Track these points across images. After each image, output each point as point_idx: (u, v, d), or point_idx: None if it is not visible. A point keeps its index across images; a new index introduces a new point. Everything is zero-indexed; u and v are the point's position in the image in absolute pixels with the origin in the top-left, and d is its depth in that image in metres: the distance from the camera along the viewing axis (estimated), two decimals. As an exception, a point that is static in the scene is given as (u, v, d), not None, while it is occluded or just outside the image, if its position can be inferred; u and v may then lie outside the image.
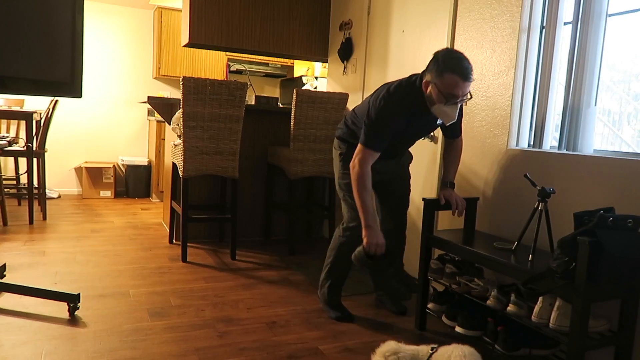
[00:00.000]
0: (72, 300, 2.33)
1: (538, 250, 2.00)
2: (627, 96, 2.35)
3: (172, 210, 3.74)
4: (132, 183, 5.74)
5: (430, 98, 2.12)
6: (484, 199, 2.55)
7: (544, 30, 2.34)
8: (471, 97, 2.14)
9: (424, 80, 2.12)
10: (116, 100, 5.91)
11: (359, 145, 2.24)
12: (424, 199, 2.39)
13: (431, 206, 2.39)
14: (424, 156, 3.05)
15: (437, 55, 2.09)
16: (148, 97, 3.64)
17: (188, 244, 3.38)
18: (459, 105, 2.12)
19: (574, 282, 1.66)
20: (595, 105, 2.12)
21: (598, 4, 2.07)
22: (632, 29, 2.11)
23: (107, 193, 5.62)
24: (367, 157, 2.21)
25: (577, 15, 2.13)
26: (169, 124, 3.67)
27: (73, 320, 2.28)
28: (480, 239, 2.36)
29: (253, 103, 4.03)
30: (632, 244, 1.72)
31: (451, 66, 2.02)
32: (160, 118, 4.87)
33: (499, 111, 2.50)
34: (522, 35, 2.40)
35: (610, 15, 2.07)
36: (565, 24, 2.24)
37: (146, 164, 5.78)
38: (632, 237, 1.72)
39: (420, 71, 2.22)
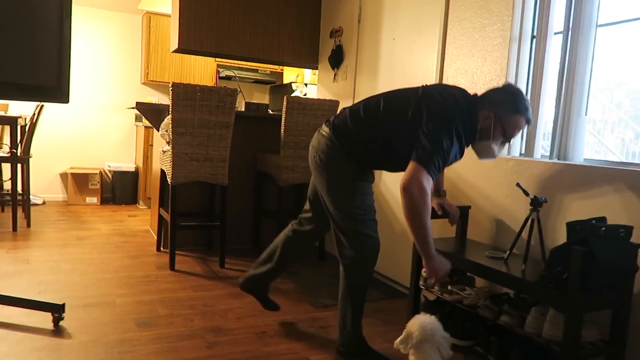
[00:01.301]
0: (56, 310, 2.27)
1: (530, 259, 1.99)
2: (610, 104, 2.38)
3: (160, 218, 3.68)
4: (119, 189, 5.66)
5: (485, 131, 1.91)
6: (475, 207, 2.54)
7: (534, 40, 2.35)
8: None
9: (485, 110, 1.90)
10: (103, 105, 5.84)
11: (416, 165, 1.78)
12: (415, 208, 2.38)
13: (423, 214, 2.38)
14: (415, 164, 3.04)
15: (510, 90, 1.93)
16: (136, 103, 3.60)
17: (176, 252, 3.33)
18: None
19: (567, 292, 1.66)
20: (586, 114, 2.13)
21: (588, 15, 2.09)
22: (614, 38, 2.13)
23: (93, 199, 5.54)
24: (428, 178, 1.79)
25: (567, 25, 2.15)
26: (158, 130, 3.63)
27: (57, 331, 2.22)
28: (472, 247, 2.35)
29: (243, 109, 4.00)
30: (623, 254, 1.72)
31: (524, 109, 1.88)
32: (148, 124, 4.82)
33: (490, 120, 2.50)
34: (513, 45, 2.41)
35: (600, 26, 2.09)
36: (555, 33, 2.25)
37: (133, 170, 5.71)
38: (623, 246, 1.72)
39: (414, 79, 2.21)
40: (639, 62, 2.12)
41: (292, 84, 5.64)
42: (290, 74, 6.01)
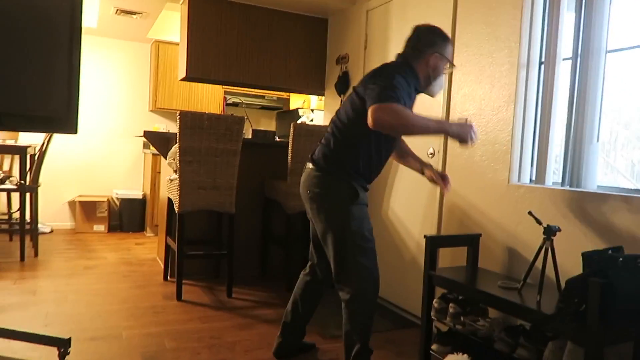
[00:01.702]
0: (62, 345, 2.23)
1: (545, 289, 1.94)
2: (618, 125, 2.35)
3: (167, 246, 3.66)
4: (127, 217, 5.66)
5: (435, 72, 2.06)
6: (486, 235, 2.50)
7: (542, 66, 2.34)
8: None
9: (430, 56, 2.04)
10: (112, 132, 5.88)
11: (372, 105, 1.80)
12: (425, 236, 2.34)
13: (433, 243, 2.34)
14: (422, 192, 3.01)
15: (429, 28, 2.11)
16: (144, 131, 3.62)
17: (183, 281, 3.29)
18: None
19: (586, 325, 1.60)
20: (598, 141, 2.10)
21: (597, 40, 2.07)
22: (623, 63, 2.11)
23: (101, 227, 5.53)
24: (390, 104, 1.80)
25: (576, 51, 2.14)
26: (165, 159, 3.63)
27: (63, 366, 2.18)
28: (484, 276, 2.30)
29: (250, 137, 4.00)
30: (642, 285, 1.67)
31: (446, 34, 2.12)
32: (156, 151, 4.84)
33: (500, 146, 2.48)
34: (521, 71, 2.40)
35: (610, 52, 2.08)
36: (564, 59, 2.24)
37: (141, 197, 5.72)
38: (642, 277, 1.67)
39: (422, 105, 2.19)
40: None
41: (299, 110, 5.66)
42: (296, 100, 6.04)
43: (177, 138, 3.14)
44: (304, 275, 2.34)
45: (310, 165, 2.13)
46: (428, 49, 2.05)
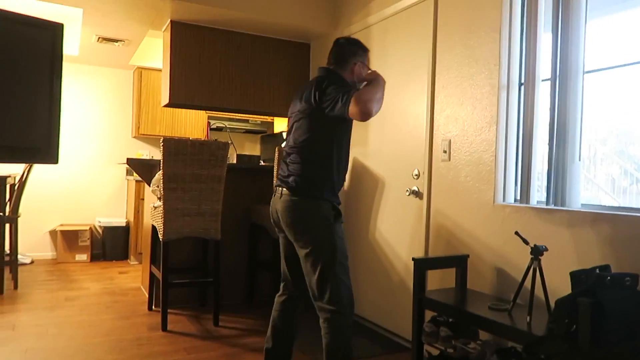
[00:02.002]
0: (42, 382, 2.15)
1: (534, 310, 1.93)
2: (595, 141, 2.40)
3: (152, 275, 3.58)
4: (110, 245, 5.55)
5: (358, 79, 2.22)
6: (474, 256, 2.50)
7: (522, 87, 2.38)
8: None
9: (354, 65, 2.21)
10: (94, 160, 5.81)
11: (351, 103, 1.93)
12: (414, 259, 2.33)
13: (422, 265, 2.33)
14: (410, 212, 3.01)
15: (349, 40, 2.30)
16: (128, 159, 3.58)
17: (168, 311, 3.22)
18: None
19: (578, 346, 1.59)
20: (580, 160, 2.12)
21: (575, 61, 2.12)
22: (600, 83, 2.16)
23: (83, 256, 5.42)
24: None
25: (554, 72, 2.18)
26: (149, 186, 3.59)
27: (42, 405, 2.09)
28: (473, 298, 2.28)
29: (235, 161, 3.98)
30: (631, 303, 1.67)
31: (365, 45, 2.31)
32: (138, 177, 4.78)
33: (484, 166, 2.49)
34: (501, 92, 2.44)
35: (587, 72, 2.12)
36: (543, 80, 2.28)
37: (124, 224, 5.62)
38: (630, 295, 1.67)
39: (406, 128, 2.19)
40: (624, 102, 2.14)
41: (283, 133, 5.67)
42: (281, 123, 6.05)
43: (161, 165, 3.10)
44: (279, 297, 2.32)
45: (284, 190, 2.13)
46: (352, 58, 2.22)
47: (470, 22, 2.62)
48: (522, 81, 2.39)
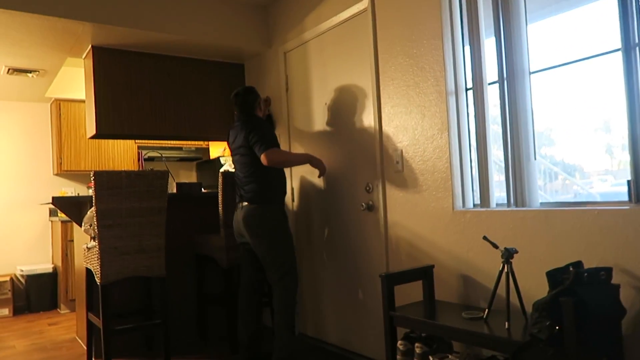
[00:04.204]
0: None
1: (512, 314, 1.89)
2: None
3: (90, 323, 3.23)
4: (35, 295, 5.02)
5: (263, 111, 3.11)
6: (439, 265, 2.44)
7: (471, 91, 2.38)
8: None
9: (258, 105, 3.00)
10: (11, 202, 5.27)
11: (263, 153, 2.74)
12: (381, 275, 2.23)
13: (390, 281, 2.23)
14: (367, 227, 2.92)
15: (247, 89, 3.01)
16: (53, 198, 3.24)
17: (112, 361, 2.89)
18: None
19: (564, 348, 1.55)
20: (535, 159, 2.14)
21: (519, 64, 2.14)
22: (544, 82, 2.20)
23: (5, 311, 4.85)
24: (272, 150, 2.79)
25: (501, 74, 2.20)
26: (80, 226, 3.26)
27: None
28: (443, 309, 2.22)
29: (174, 191, 3.73)
30: (608, 298, 1.66)
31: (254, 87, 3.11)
32: (65, 217, 4.38)
33: (439, 174, 2.46)
34: (450, 98, 2.43)
35: (532, 73, 2.15)
36: (490, 83, 2.29)
37: (51, 270, 5.12)
38: (607, 290, 1.66)
39: (355, 142, 2.12)
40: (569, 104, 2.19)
41: (220, 158, 5.46)
42: (216, 149, 5.83)
43: (93, 201, 2.82)
44: (243, 291, 2.99)
45: (245, 203, 2.86)
46: (255, 101, 2.98)
47: (410, 31, 2.61)
48: (470, 86, 2.39)
